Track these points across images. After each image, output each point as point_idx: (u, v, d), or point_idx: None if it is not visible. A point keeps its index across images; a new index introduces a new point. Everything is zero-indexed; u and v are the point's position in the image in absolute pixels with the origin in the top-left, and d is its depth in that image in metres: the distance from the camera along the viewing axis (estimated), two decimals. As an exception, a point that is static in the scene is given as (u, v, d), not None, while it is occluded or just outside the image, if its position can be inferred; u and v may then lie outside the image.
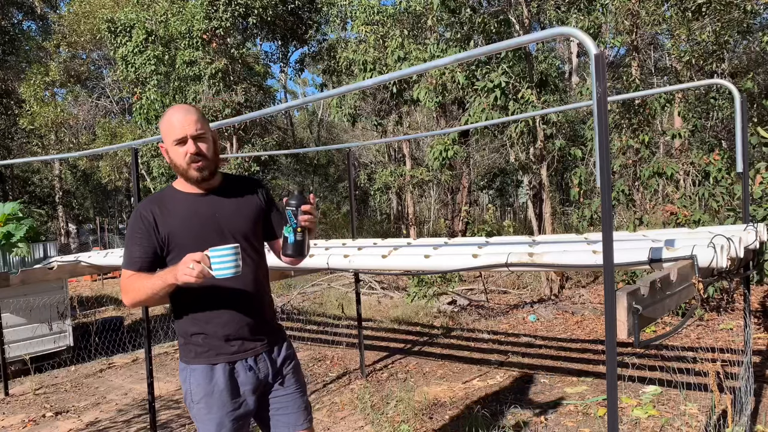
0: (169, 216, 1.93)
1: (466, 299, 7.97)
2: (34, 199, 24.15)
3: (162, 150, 1.96)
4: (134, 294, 1.89)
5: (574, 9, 8.42)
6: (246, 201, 2.04)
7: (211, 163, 1.94)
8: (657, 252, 2.46)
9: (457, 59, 2.28)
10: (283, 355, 2.08)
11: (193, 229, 1.93)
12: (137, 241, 1.92)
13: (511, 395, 4.30)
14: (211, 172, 1.94)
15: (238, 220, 1.99)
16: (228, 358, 1.95)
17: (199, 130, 1.88)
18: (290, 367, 2.10)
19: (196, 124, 1.87)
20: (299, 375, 2.13)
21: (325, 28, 16.52)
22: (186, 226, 1.93)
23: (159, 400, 4.59)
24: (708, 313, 6.28)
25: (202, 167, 1.90)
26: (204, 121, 1.92)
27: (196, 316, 1.95)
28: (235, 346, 1.96)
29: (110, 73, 19.82)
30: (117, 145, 4.57)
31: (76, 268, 5.60)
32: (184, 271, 1.71)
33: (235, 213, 1.99)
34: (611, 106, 7.43)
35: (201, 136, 1.89)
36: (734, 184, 6.21)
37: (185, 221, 1.93)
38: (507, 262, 2.85)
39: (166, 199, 1.96)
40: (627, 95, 4.84)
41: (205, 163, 1.91)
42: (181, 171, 1.93)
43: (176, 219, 1.93)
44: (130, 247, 1.94)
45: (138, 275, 1.91)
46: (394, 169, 12.11)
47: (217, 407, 1.94)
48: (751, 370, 3.43)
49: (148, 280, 1.86)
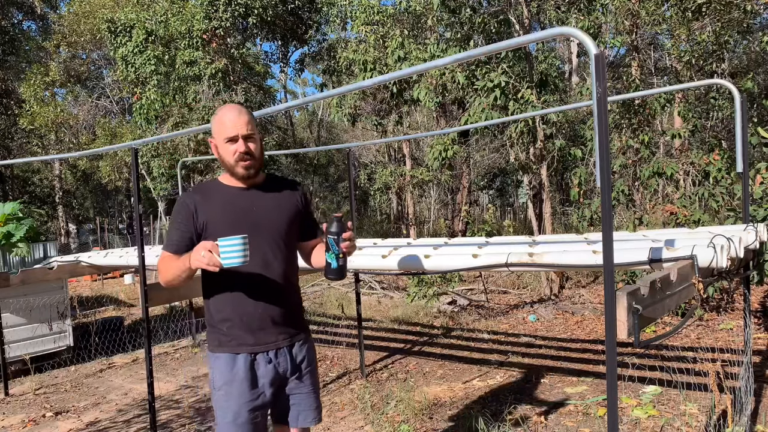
0: (209, 205, 2.05)
1: (466, 299, 7.97)
2: (34, 199, 24.14)
3: (211, 144, 2.09)
4: (164, 274, 2.02)
5: (574, 9, 8.42)
6: (285, 200, 2.15)
7: (257, 162, 2.06)
8: (657, 252, 2.46)
9: (457, 59, 2.28)
10: (303, 353, 2.16)
11: (229, 219, 2.03)
12: (177, 225, 2.06)
13: (511, 395, 4.30)
14: (256, 170, 2.07)
15: (275, 216, 2.10)
16: (250, 349, 2.04)
17: (250, 130, 2.01)
18: (309, 367, 2.18)
19: (247, 125, 2.01)
20: (316, 375, 2.22)
21: (325, 28, 16.53)
22: (222, 215, 2.04)
23: (159, 400, 4.59)
24: (708, 313, 6.27)
25: (249, 165, 2.03)
26: (254, 123, 2.05)
27: (223, 306, 2.06)
28: (258, 338, 2.04)
29: (110, 73, 19.82)
30: (117, 145, 4.57)
31: (76, 268, 5.61)
32: (196, 257, 1.83)
33: (273, 209, 2.10)
34: (611, 106, 7.43)
35: (251, 136, 2.02)
36: (734, 184, 6.20)
37: (223, 211, 2.04)
38: (507, 262, 2.85)
39: (210, 190, 2.10)
40: (627, 95, 4.83)
41: (252, 162, 2.04)
42: (228, 167, 2.06)
43: (215, 208, 2.05)
44: (171, 230, 2.08)
45: (172, 257, 2.03)
46: (394, 169, 12.10)
47: (236, 396, 2.02)
48: (751, 370, 3.43)
49: (176, 261, 1.98)
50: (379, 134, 12.31)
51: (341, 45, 13.75)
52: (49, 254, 6.15)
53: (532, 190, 9.53)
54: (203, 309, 2.21)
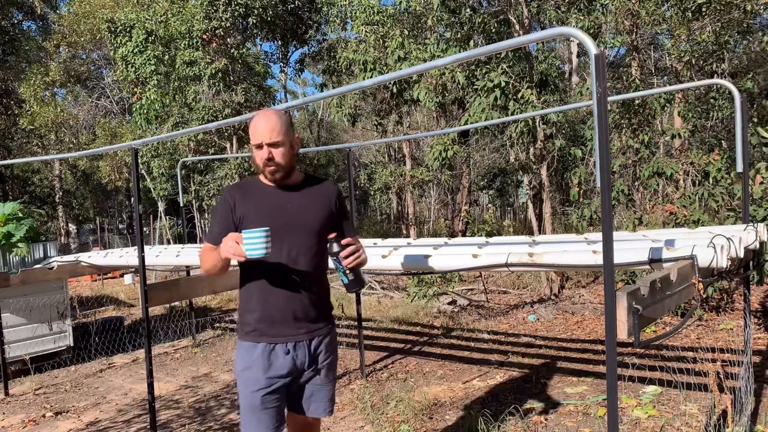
0: (247, 201, 2.19)
1: (466, 299, 7.97)
2: (34, 199, 24.14)
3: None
4: (204, 263, 2.18)
5: (574, 9, 8.42)
6: (320, 201, 2.25)
7: (283, 168, 2.16)
8: (657, 252, 2.46)
9: (457, 59, 2.28)
10: (323, 347, 2.24)
11: (263, 215, 2.16)
12: (218, 219, 2.21)
13: (511, 395, 4.30)
14: (282, 175, 2.17)
15: (308, 214, 2.20)
16: (270, 339, 2.16)
17: (275, 138, 2.10)
18: (327, 361, 2.27)
19: (272, 132, 2.09)
20: (334, 368, 2.32)
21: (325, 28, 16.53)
22: (258, 211, 2.17)
23: (159, 400, 4.59)
24: (708, 313, 6.27)
25: (273, 171, 2.15)
26: (283, 129, 2.12)
27: (250, 297, 2.20)
28: (278, 330, 2.16)
29: (110, 73, 19.82)
30: (117, 145, 4.57)
31: (76, 268, 5.61)
32: (224, 248, 1.99)
33: (306, 208, 2.20)
34: (611, 106, 7.42)
35: (276, 143, 2.11)
36: (734, 184, 6.20)
37: (258, 207, 2.17)
38: (507, 262, 2.85)
39: (249, 187, 2.23)
40: (627, 95, 4.83)
41: (276, 168, 2.14)
42: (259, 169, 2.21)
43: (252, 204, 2.18)
44: (212, 223, 2.23)
45: (212, 248, 2.17)
46: (394, 169, 12.10)
47: (251, 382, 2.15)
48: (751, 370, 3.43)
49: (214, 252, 2.12)
50: (379, 134, 12.31)
51: (341, 45, 13.75)
52: (49, 254, 6.15)
53: (532, 190, 9.54)
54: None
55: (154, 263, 4.98)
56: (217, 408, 4.44)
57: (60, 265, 5.51)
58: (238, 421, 4.12)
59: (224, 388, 4.95)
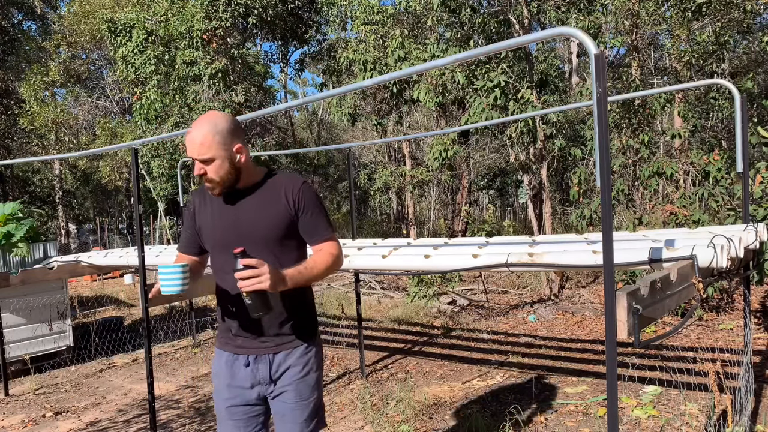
0: (204, 210, 2.07)
1: (466, 299, 7.97)
2: (34, 199, 24.15)
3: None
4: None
5: (574, 9, 8.42)
6: (272, 205, 1.98)
7: (220, 183, 1.94)
8: (657, 252, 2.46)
9: (457, 59, 2.28)
10: (290, 364, 2.02)
11: (210, 228, 2.04)
12: (185, 226, 2.13)
13: (511, 395, 4.30)
14: (221, 190, 1.96)
15: (259, 225, 1.96)
16: (232, 349, 2.06)
17: (203, 154, 1.88)
18: (298, 378, 2.02)
19: (200, 147, 1.88)
20: (312, 389, 2.06)
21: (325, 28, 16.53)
22: (211, 222, 2.04)
23: (159, 400, 4.59)
24: (708, 313, 6.27)
25: (210, 187, 1.97)
26: (214, 143, 1.88)
27: (218, 307, 2.13)
28: (239, 341, 2.05)
29: (110, 73, 19.82)
30: (117, 145, 4.57)
31: (76, 268, 5.61)
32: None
33: (258, 218, 1.97)
34: (611, 106, 7.42)
35: (207, 160, 1.89)
36: (734, 184, 6.20)
37: (211, 218, 2.04)
38: (507, 262, 2.85)
39: (207, 194, 2.06)
40: (627, 95, 4.83)
41: (212, 185, 1.95)
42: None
43: (205, 216, 2.06)
44: (182, 230, 2.15)
45: (182, 256, 2.12)
46: (394, 169, 12.11)
47: (217, 390, 2.10)
48: (751, 370, 3.43)
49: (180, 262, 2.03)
50: (379, 134, 12.31)
51: (341, 45, 13.75)
52: (49, 254, 6.15)
53: (532, 190, 9.53)
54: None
55: (154, 263, 4.98)
56: (217, 408, 4.44)
57: (60, 265, 5.51)
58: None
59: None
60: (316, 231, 2.02)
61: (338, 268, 2.07)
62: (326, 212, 2.06)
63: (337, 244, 2.06)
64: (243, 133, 1.99)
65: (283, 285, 1.84)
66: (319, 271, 1.96)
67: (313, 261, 1.97)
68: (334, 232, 2.07)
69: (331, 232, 2.05)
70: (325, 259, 1.99)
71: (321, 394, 2.13)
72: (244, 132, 2.00)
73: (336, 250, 2.04)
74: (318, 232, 2.02)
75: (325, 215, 2.05)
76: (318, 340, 2.11)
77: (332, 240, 2.05)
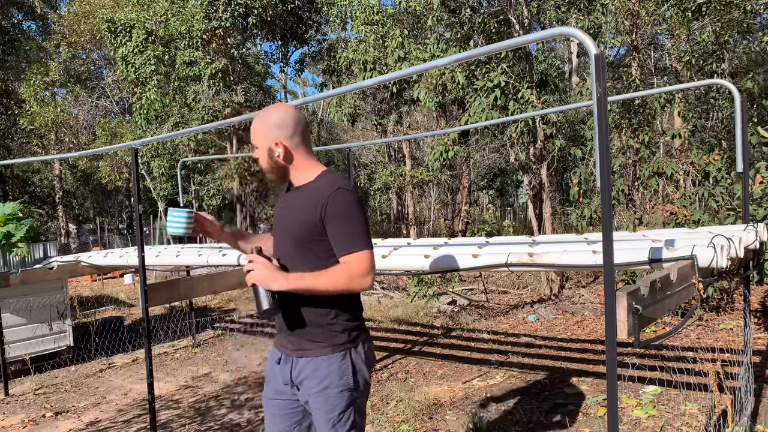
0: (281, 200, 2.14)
1: (466, 299, 7.97)
2: (34, 199, 24.14)
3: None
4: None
5: (574, 9, 8.42)
6: (307, 208, 1.92)
7: (266, 172, 2.03)
8: (657, 252, 2.46)
9: (457, 59, 2.28)
10: (309, 375, 1.93)
11: (274, 223, 2.11)
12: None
13: (511, 395, 4.30)
14: (270, 179, 2.06)
15: (292, 224, 1.97)
16: (276, 344, 2.10)
17: (251, 140, 2.01)
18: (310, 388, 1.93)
19: (251, 133, 2.01)
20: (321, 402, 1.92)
21: (325, 28, 16.53)
22: (273, 218, 2.13)
23: (159, 400, 4.59)
24: (708, 313, 6.27)
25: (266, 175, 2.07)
26: (259, 134, 1.98)
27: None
28: (277, 338, 2.10)
29: (110, 73, 19.82)
30: (117, 145, 4.56)
31: (76, 268, 5.61)
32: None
33: (293, 218, 1.97)
34: (611, 106, 7.42)
35: (255, 147, 2.01)
36: (734, 184, 6.20)
37: (275, 213, 2.12)
38: (507, 262, 2.85)
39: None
40: (627, 95, 4.83)
41: (263, 171, 2.05)
42: None
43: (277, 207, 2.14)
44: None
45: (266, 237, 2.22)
46: (394, 169, 12.11)
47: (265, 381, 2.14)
48: (751, 370, 3.43)
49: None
50: (379, 134, 12.32)
51: (341, 45, 13.76)
52: (49, 254, 6.15)
53: (532, 190, 9.53)
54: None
55: (154, 263, 4.98)
56: (217, 408, 4.44)
57: (60, 265, 5.51)
58: (238, 421, 4.12)
59: (224, 388, 4.95)
60: (338, 243, 1.87)
61: (354, 288, 1.86)
62: (357, 224, 1.87)
63: (361, 261, 1.85)
64: (295, 131, 1.96)
65: (278, 285, 1.83)
66: (325, 285, 1.84)
67: (325, 272, 1.86)
68: (363, 248, 1.86)
69: (358, 247, 1.85)
70: (335, 274, 1.85)
71: (352, 417, 1.94)
72: (298, 131, 1.97)
73: (355, 269, 1.84)
74: (340, 245, 1.87)
75: (353, 228, 1.86)
76: (351, 355, 1.93)
77: (356, 255, 1.85)
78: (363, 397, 1.98)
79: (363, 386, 1.96)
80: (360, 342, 1.96)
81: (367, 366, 1.98)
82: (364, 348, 1.97)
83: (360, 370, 1.94)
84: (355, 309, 1.98)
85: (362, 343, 1.97)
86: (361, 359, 1.95)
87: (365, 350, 1.97)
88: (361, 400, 1.98)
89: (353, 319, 1.96)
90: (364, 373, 1.96)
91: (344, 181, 1.94)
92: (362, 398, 1.98)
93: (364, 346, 1.97)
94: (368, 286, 1.88)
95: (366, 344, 1.99)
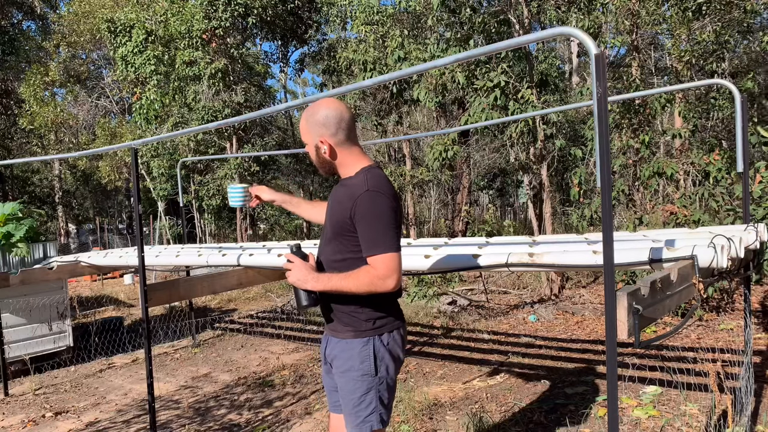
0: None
1: (466, 299, 7.97)
2: (34, 199, 24.14)
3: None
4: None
5: (574, 9, 8.41)
6: (343, 204, 1.99)
7: (318, 166, 2.14)
8: (657, 252, 2.46)
9: (457, 59, 2.27)
10: (335, 352, 2.09)
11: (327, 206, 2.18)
12: None
13: (512, 395, 4.30)
14: (324, 171, 2.14)
15: (332, 219, 2.09)
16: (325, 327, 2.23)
17: (301, 136, 2.10)
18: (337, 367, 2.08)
19: (300, 129, 2.10)
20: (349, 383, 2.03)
21: (325, 28, 16.51)
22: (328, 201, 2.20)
23: (159, 400, 4.59)
24: (708, 314, 6.27)
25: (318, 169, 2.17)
26: (305, 130, 2.07)
27: None
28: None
29: (110, 73, 19.80)
30: (117, 145, 4.56)
31: (75, 268, 5.61)
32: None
33: (332, 213, 2.09)
34: (611, 106, 7.42)
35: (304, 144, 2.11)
36: (734, 184, 6.20)
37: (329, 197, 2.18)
38: (507, 262, 2.84)
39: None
40: (627, 95, 4.83)
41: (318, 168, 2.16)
42: None
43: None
44: None
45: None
46: (394, 169, 12.10)
47: None
48: (751, 370, 3.43)
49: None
50: (379, 134, 12.31)
51: (341, 45, 13.74)
52: (48, 254, 6.14)
53: (532, 190, 9.53)
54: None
55: (154, 263, 4.98)
56: (217, 408, 4.44)
57: (60, 265, 5.51)
58: (238, 421, 4.12)
59: (224, 388, 4.95)
60: (364, 244, 1.93)
61: (378, 289, 1.91)
62: (382, 226, 1.90)
63: (384, 263, 1.90)
64: (338, 128, 2.02)
65: (310, 285, 2.00)
66: (349, 287, 1.93)
67: (350, 274, 1.95)
68: (386, 250, 1.89)
69: (381, 249, 1.89)
70: (359, 276, 1.92)
71: (374, 402, 2.02)
72: (342, 127, 2.03)
73: (378, 271, 1.89)
74: (365, 246, 1.93)
75: (378, 230, 1.90)
76: (374, 343, 2.01)
77: (378, 258, 1.90)
78: (385, 384, 2.04)
79: (384, 374, 2.02)
80: (386, 332, 2.04)
81: (391, 355, 2.04)
82: (390, 338, 2.04)
83: (382, 357, 2.02)
84: (380, 302, 2.03)
85: (388, 333, 2.04)
86: (384, 348, 2.02)
87: (391, 340, 2.04)
88: (383, 387, 2.04)
89: (378, 310, 2.03)
90: (386, 361, 2.03)
91: (377, 181, 1.96)
92: (384, 386, 2.04)
93: (390, 336, 2.04)
94: (392, 287, 1.92)
95: (392, 335, 2.05)
